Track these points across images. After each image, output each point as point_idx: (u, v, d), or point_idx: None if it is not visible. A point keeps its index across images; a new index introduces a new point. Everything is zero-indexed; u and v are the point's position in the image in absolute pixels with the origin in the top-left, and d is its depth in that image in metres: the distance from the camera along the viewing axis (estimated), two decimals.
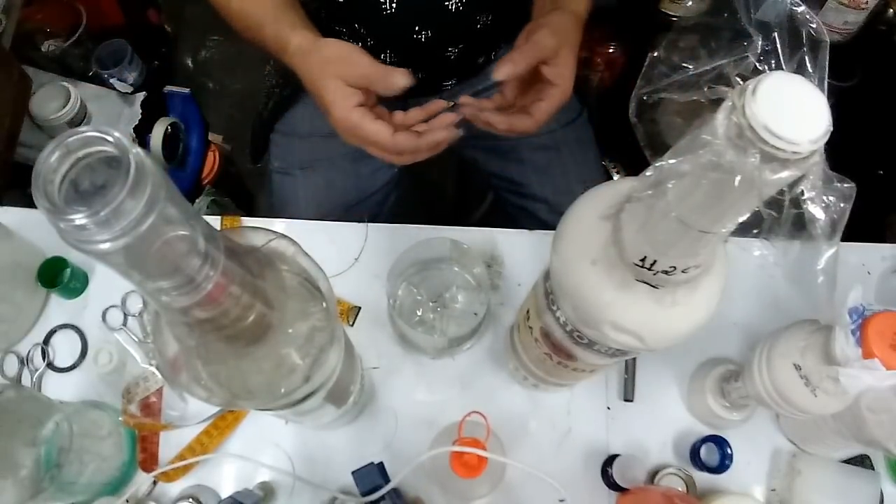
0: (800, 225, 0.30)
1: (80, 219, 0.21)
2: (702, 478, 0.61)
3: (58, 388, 0.64)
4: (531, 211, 0.86)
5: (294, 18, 0.63)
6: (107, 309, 0.67)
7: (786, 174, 0.26)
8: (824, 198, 0.29)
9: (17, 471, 0.50)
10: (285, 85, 0.84)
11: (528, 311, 0.51)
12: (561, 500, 0.59)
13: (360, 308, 0.67)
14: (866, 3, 1.04)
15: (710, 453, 0.61)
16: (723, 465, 0.60)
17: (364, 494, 0.49)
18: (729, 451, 0.60)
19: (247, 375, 0.33)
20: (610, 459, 0.60)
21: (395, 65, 0.56)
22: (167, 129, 1.21)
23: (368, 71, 0.56)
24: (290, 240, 0.35)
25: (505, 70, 0.57)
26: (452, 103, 0.59)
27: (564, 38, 0.59)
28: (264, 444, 0.62)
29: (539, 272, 0.47)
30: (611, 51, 1.36)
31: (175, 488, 0.60)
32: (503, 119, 0.59)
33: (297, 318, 0.33)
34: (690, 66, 0.31)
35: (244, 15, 0.65)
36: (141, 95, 1.25)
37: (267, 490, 0.59)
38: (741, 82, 0.28)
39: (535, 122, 0.59)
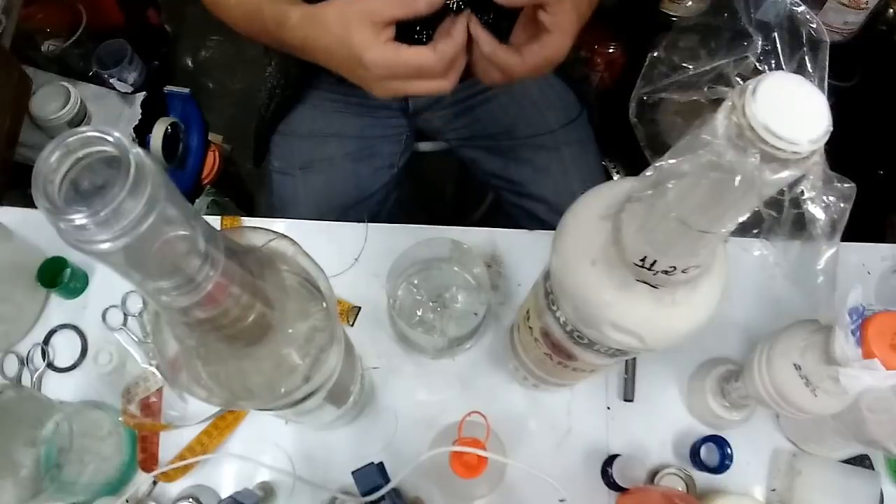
0: (800, 225, 0.30)
1: (80, 219, 0.21)
2: (702, 478, 0.61)
3: (58, 388, 0.64)
4: (531, 211, 0.86)
5: None
6: (107, 309, 0.67)
7: (786, 174, 0.26)
8: (824, 198, 0.29)
9: (17, 471, 0.50)
10: (286, 85, 0.84)
11: (528, 311, 0.51)
12: (561, 500, 0.59)
13: (360, 308, 0.67)
14: (866, 3, 1.05)
15: (710, 453, 0.61)
16: (723, 465, 0.60)
17: (364, 494, 0.49)
18: (729, 451, 0.60)
19: (247, 375, 0.33)
20: (610, 459, 0.60)
21: None
22: (167, 129, 1.21)
23: None
24: (290, 240, 0.35)
25: None
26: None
27: None
28: (264, 444, 0.62)
29: (539, 272, 0.47)
30: (611, 51, 1.36)
31: (175, 488, 0.60)
32: (490, 41, 0.54)
33: (297, 318, 0.33)
34: (690, 66, 0.31)
35: (241, 3, 0.64)
36: (141, 95, 1.26)
37: (267, 490, 0.60)
38: (741, 82, 0.28)
39: (523, 61, 0.55)
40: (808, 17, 0.29)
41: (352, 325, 0.66)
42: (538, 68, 0.56)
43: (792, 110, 0.25)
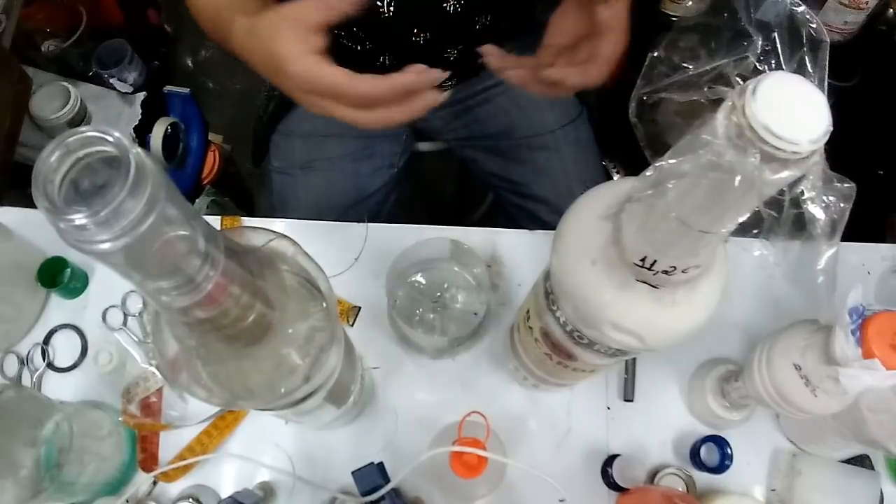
0: (800, 225, 0.30)
1: (80, 219, 0.21)
2: (702, 478, 0.61)
3: (58, 388, 0.64)
4: (531, 211, 0.86)
5: (249, 5, 0.57)
6: (107, 309, 0.67)
7: (786, 174, 0.26)
8: (824, 198, 0.29)
9: (17, 471, 0.50)
10: None
11: (528, 311, 0.51)
12: (561, 500, 0.59)
13: (360, 308, 0.67)
14: (866, 3, 1.04)
15: (710, 453, 0.61)
16: (723, 465, 0.60)
17: (364, 494, 0.50)
18: (729, 451, 0.60)
19: (247, 375, 0.33)
20: (610, 459, 0.60)
21: (394, 67, 0.55)
22: (167, 129, 1.21)
23: None
24: (290, 240, 0.35)
25: None
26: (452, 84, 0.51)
27: None
28: (264, 444, 0.62)
29: (539, 272, 0.47)
30: None
31: (175, 488, 0.60)
32: (574, 70, 0.52)
33: (297, 318, 0.33)
34: (690, 66, 0.31)
35: (206, 7, 0.62)
36: (141, 95, 1.26)
37: (267, 490, 0.59)
38: (741, 82, 0.28)
39: (598, 70, 0.53)
40: (808, 17, 0.29)
41: (352, 325, 0.66)
42: (601, 77, 0.54)
43: (792, 110, 0.25)
